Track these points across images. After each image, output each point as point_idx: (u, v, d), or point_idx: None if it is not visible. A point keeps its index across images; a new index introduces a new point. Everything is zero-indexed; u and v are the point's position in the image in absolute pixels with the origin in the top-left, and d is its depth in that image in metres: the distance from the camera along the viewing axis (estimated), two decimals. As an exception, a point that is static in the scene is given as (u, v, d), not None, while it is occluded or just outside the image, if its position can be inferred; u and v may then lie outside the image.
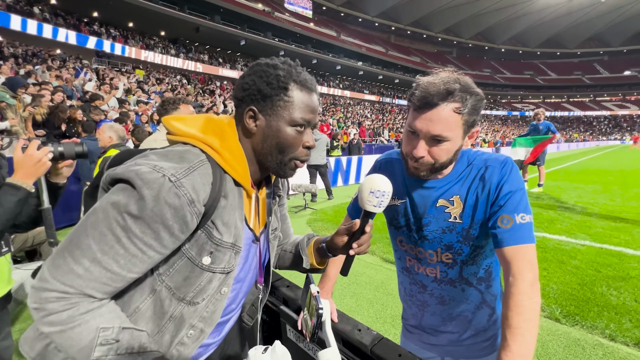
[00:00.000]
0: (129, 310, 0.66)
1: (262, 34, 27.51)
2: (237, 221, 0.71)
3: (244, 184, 0.72)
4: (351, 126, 17.24)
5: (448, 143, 0.81)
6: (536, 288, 0.76)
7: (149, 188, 0.58)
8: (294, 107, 0.71)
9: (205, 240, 0.67)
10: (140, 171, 0.59)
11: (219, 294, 0.72)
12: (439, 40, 56.71)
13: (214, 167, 0.67)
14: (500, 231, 0.81)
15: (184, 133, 0.71)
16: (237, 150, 0.71)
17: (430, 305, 1.02)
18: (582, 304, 2.51)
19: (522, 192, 0.85)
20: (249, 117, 0.71)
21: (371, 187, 0.74)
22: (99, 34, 19.08)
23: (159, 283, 0.67)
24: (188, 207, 0.60)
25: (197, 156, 0.66)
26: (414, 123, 0.82)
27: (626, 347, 2.04)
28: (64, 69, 11.50)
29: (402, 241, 1.03)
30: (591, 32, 56.20)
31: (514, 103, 60.69)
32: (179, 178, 0.60)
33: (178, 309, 0.68)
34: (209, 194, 0.64)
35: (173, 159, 0.63)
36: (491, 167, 0.88)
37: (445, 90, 0.77)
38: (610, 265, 3.18)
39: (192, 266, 0.67)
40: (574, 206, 5.77)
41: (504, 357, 0.70)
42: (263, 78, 0.70)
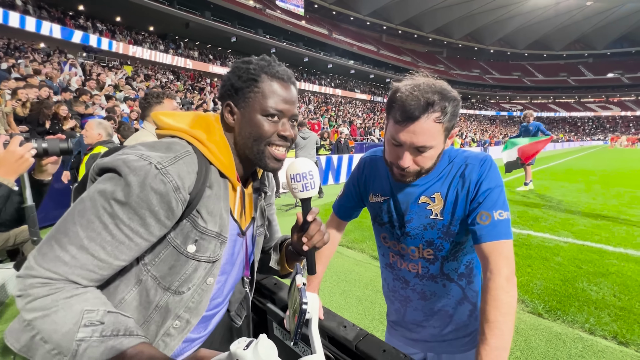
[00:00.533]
0: (114, 301, 0.66)
1: (254, 31, 27.25)
2: (222, 211, 0.72)
3: (229, 175, 0.74)
4: (342, 125, 17.27)
5: (432, 150, 0.83)
6: (512, 282, 0.78)
7: (136, 175, 0.59)
8: (265, 97, 0.73)
9: (190, 228, 0.69)
10: (127, 159, 0.61)
11: (205, 284, 0.73)
12: (429, 41, 57.23)
13: (200, 158, 0.70)
14: (479, 227, 0.84)
15: (172, 127, 0.73)
16: (223, 143, 0.74)
17: (412, 300, 1.04)
18: (563, 299, 2.58)
19: (500, 189, 0.87)
20: (227, 111, 0.75)
21: (290, 174, 0.74)
22: (85, 28, 18.58)
23: (145, 273, 0.68)
24: (173, 194, 0.62)
25: (183, 147, 0.69)
26: (397, 136, 0.83)
27: (604, 341, 2.11)
28: (48, 63, 11.17)
29: (386, 237, 1.04)
30: (577, 35, 57.62)
31: (502, 103, 61.79)
32: (165, 166, 0.62)
33: (164, 298, 0.69)
34: (194, 182, 0.67)
35: (160, 149, 0.66)
36: (471, 164, 0.90)
37: (425, 102, 0.78)
38: (591, 262, 3.29)
39: (178, 254, 0.68)
40: (559, 204, 5.93)
41: (482, 350, 0.72)
42: (236, 73, 0.74)
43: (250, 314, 1.25)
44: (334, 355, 0.92)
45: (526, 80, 61.92)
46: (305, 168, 0.74)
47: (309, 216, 0.75)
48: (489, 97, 61.06)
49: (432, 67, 51.27)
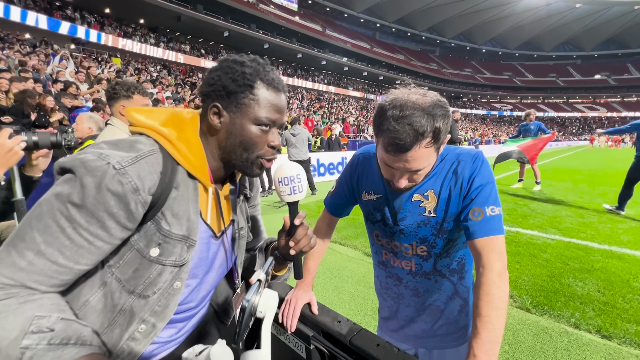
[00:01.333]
0: (78, 303, 0.64)
1: (246, 25, 26.93)
2: (190, 214, 0.70)
3: (199, 176, 0.71)
4: (335, 122, 17.27)
5: (426, 168, 0.84)
6: (504, 277, 0.80)
7: (92, 176, 0.57)
8: (260, 105, 0.70)
9: (153, 231, 0.66)
10: (85, 159, 0.59)
11: (172, 288, 0.70)
12: (422, 39, 57.53)
13: (166, 158, 0.67)
14: (472, 223, 0.85)
15: (141, 124, 0.71)
16: (195, 142, 0.71)
17: (405, 297, 1.05)
18: (550, 294, 2.65)
19: (492, 185, 0.88)
20: (213, 113, 0.71)
21: (278, 177, 0.73)
22: (73, 19, 18.08)
23: (109, 275, 0.66)
24: (132, 195, 0.60)
25: (147, 146, 0.66)
26: (389, 162, 0.82)
27: (589, 334, 2.18)
28: (34, 54, 10.85)
29: (379, 235, 1.05)
30: (566, 36, 58.67)
31: (493, 103, 62.64)
32: (124, 166, 0.60)
33: (128, 301, 0.67)
34: (157, 183, 0.64)
35: (123, 148, 0.63)
36: (463, 161, 0.91)
37: (415, 132, 0.75)
38: (577, 258, 3.37)
39: (141, 258, 0.66)
40: (547, 202, 6.06)
41: (474, 344, 0.74)
42: (229, 74, 0.69)
43: None
44: (328, 349, 0.93)
45: (517, 80, 62.87)
46: (293, 171, 0.73)
47: (296, 220, 0.75)
48: (480, 97, 61.81)
49: (424, 66, 51.58)
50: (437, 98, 0.80)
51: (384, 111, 0.79)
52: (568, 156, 17.68)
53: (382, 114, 0.80)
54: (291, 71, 33.13)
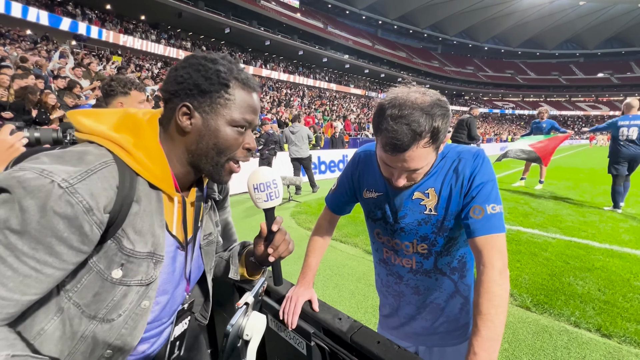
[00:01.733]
0: (32, 332, 0.58)
1: (248, 22, 26.84)
2: (155, 228, 0.64)
3: (162, 187, 0.65)
4: (336, 120, 17.24)
5: (424, 167, 0.83)
6: (505, 275, 0.79)
7: (33, 197, 0.49)
8: (235, 106, 0.66)
9: (115, 251, 0.60)
10: (23, 177, 0.50)
11: (139, 309, 0.65)
12: (424, 36, 57.26)
13: (122, 169, 0.59)
14: (472, 221, 0.84)
15: (90, 130, 0.62)
16: (155, 149, 0.64)
17: (406, 295, 1.05)
18: (550, 293, 2.65)
19: (493, 183, 0.88)
20: (183, 114, 0.64)
21: (253, 184, 0.70)
22: (74, 15, 18.05)
23: (66, 300, 0.59)
24: (85, 216, 0.53)
25: (99, 157, 0.58)
26: (388, 161, 0.82)
27: (588, 333, 2.18)
28: (35, 50, 10.85)
29: (379, 233, 1.05)
30: (569, 34, 58.29)
31: (495, 101, 62.41)
32: (73, 183, 0.52)
33: (90, 327, 0.61)
34: (114, 199, 0.57)
35: (69, 162, 0.55)
36: (464, 159, 0.90)
37: (413, 132, 0.74)
38: (578, 257, 3.37)
39: (102, 280, 0.60)
40: (548, 201, 6.05)
41: (475, 341, 0.74)
42: (201, 72, 0.64)
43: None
44: (329, 346, 0.93)
45: (519, 79, 62.59)
46: (269, 177, 0.70)
47: (274, 226, 0.73)
48: (482, 95, 61.60)
49: (426, 63, 51.36)
50: (437, 97, 0.79)
51: (383, 110, 0.79)
52: (569, 155, 17.62)
53: (381, 113, 0.79)
54: (292, 68, 33.04)
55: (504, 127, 45.97)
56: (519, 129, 47.77)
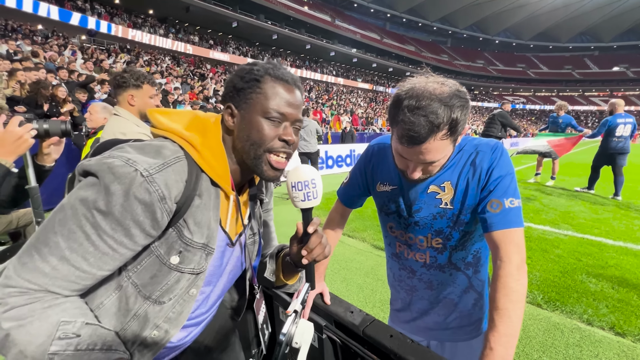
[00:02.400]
0: (92, 305, 0.64)
1: (255, 16, 26.70)
2: (211, 222, 0.69)
3: (222, 184, 0.70)
4: (344, 114, 17.14)
5: (441, 160, 0.82)
6: (523, 270, 0.78)
7: (120, 183, 0.56)
8: (267, 98, 0.69)
9: (175, 238, 0.65)
10: (112, 164, 0.57)
11: (187, 295, 0.70)
12: (434, 30, 56.29)
13: (191, 165, 0.66)
14: (490, 215, 0.82)
15: (166, 128, 0.69)
16: (218, 148, 0.70)
17: (418, 290, 1.04)
18: (562, 290, 2.61)
19: (512, 177, 0.86)
20: (228, 113, 0.72)
21: (292, 181, 0.69)
22: (84, 10, 18.20)
23: (126, 279, 0.65)
24: (159, 204, 0.59)
25: (174, 152, 0.64)
26: (403, 153, 0.80)
27: (601, 331, 2.14)
28: (47, 45, 10.98)
29: (392, 227, 1.03)
30: (584, 26, 56.61)
31: (505, 95, 61.20)
32: (152, 173, 0.58)
33: (143, 307, 0.66)
34: (182, 191, 0.63)
35: (149, 153, 0.61)
36: (482, 152, 0.88)
37: (430, 124, 0.72)
38: (591, 255, 3.31)
39: (160, 264, 0.65)
40: (559, 197, 5.93)
41: (491, 337, 0.72)
42: (239, 74, 0.71)
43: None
44: (340, 339, 0.93)
45: (530, 73, 61.26)
46: (309, 176, 0.70)
47: (310, 228, 0.72)
48: (492, 89, 60.46)
49: (435, 57, 50.57)
50: (456, 88, 0.77)
51: (400, 101, 0.76)
52: (582, 150, 17.24)
53: (397, 104, 0.77)
54: (299, 62, 32.86)
55: (515, 122, 45.15)
56: (530, 125, 46.89)
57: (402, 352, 0.79)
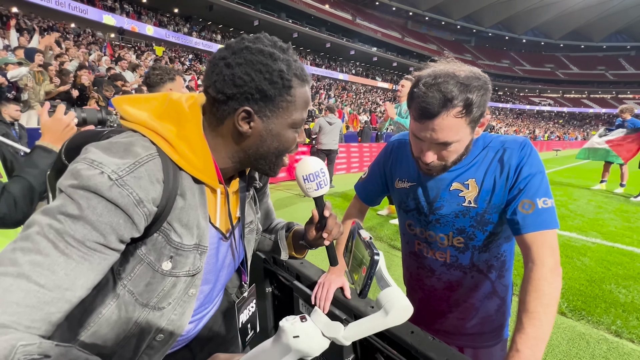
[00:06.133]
0: (92, 316, 0.61)
1: (276, 14, 26.96)
2: (199, 220, 0.63)
3: (204, 179, 0.63)
4: (363, 113, 17.02)
5: (456, 144, 0.79)
6: (557, 273, 0.75)
7: (85, 187, 0.50)
8: (296, 107, 0.63)
9: (163, 244, 0.60)
10: (74, 170, 0.51)
11: (187, 296, 0.67)
12: (457, 28, 54.83)
13: (165, 162, 0.57)
14: (522, 217, 0.79)
15: (134, 119, 0.60)
16: (197, 140, 0.61)
17: (437, 289, 1.01)
18: (589, 299, 2.50)
19: (543, 175, 0.82)
20: (242, 118, 0.60)
21: (302, 174, 0.70)
22: (113, 9, 18.96)
23: (121, 287, 0.61)
24: (136, 208, 0.52)
25: (145, 149, 0.56)
26: (416, 130, 0.80)
27: (631, 344, 2.04)
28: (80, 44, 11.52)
29: (411, 225, 1.01)
30: (620, 25, 53.45)
31: (531, 97, 58.92)
32: (122, 175, 0.51)
33: (143, 314, 0.63)
34: (161, 193, 0.56)
35: (117, 153, 0.53)
36: (510, 149, 0.85)
37: (443, 98, 0.72)
38: (621, 264, 3.15)
39: (153, 272, 0.61)
40: (587, 204, 5.67)
41: (518, 339, 0.70)
42: (264, 74, 0.57)
43: (274, 290, 1.25)
44: (360, 334, 0.93)
45: (559, 73, 58.62)
46: (317, 167, 0.70)
47: (326, 212, 0.73)
48: (518, 90, 58.35)
49: (458, 57, 48.22)
50: (477, 71, 0.77)
51: (419, 80, 0.78)
52: (614, 156, 16.33)
53: (416, 84, 0.79)
54: (319, 61, 32.87)
55: (541, 125, 43.42)
56: (557, 127, 44.93)
57: (423, 349, 0.78)
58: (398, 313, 0.49)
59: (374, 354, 0.90)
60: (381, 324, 0.49)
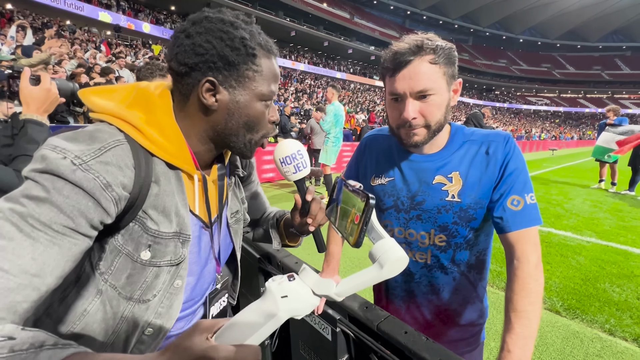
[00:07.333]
0: (76, 314, 0.59)
1: (274, 12, 26.87)
2: (178, 208, 0.61)
3: (179, 165, 0.61)
4: (360, 112, 17.02)
5: (435, 97, 0.76)
6: (540, 269, 0.75)
7: (49, 170, 0.48)
8: (263, 77, 0.61)
9: (140, 233, 0.58)
10: (37, 155, 0.50)
11: (173, 288, 0.64)
12: (455, 27, 54.96)
13: (135, 149, 0.56)
14: (511, 214, 0.78)
15: (100, 109, 0.58)
16: (168, 125, 0.59)
17: (416, 295, 0.95)
18: (583, 298, 2.52)
19: (527, 170, 0.82)
20: (206, 90, 0.58)
21: (279, 157, 0.68)
22: (109, 6, 18.81)
23: (103, 282, 0.59)
24: (104, 192, 0.50)
25: (111, 135, 0.54)
26: (394, 88, 0.78)
27: (624, 342, 2.06)
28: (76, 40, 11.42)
29: (388, 225, 0.94)
30: (617, 25, 53.85)
31: (528, 96, 59.21)
32: (86, 160, 0.49)
33: (128, 308, 0.61)
34: (133, 179, 0.54)
35: (83, 141, 0.51)
36: (495, 142, 0.83)
37: (415, 45, 0.75)
38: (615, 263, 3.17)
39: (132, 262, 0.59)
40: (583, 203, 5.71)
41: (509, 339, 0.70)
42: (225, 41, 0.56)
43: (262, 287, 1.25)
44: (354, 333, 0.93)
45: (556, 73, 58.96)
46: (294, 148, 0.68)
47: (308, 196, 0.71)
48: (515, 90, 58.59)
49: (456, 56, 49.30)
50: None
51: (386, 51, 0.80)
52: (609, 155, 16.47)
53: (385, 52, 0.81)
54: (317, 59, 32.82)
55: (537, 125, 43.64)
56: (553, 127, 45.20)
57: (417, 349, 0.78)
58: (393, 266, 0.47)
59: (368, 354, 0.90)
60: (376, 277, 0.47)
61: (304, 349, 1.13)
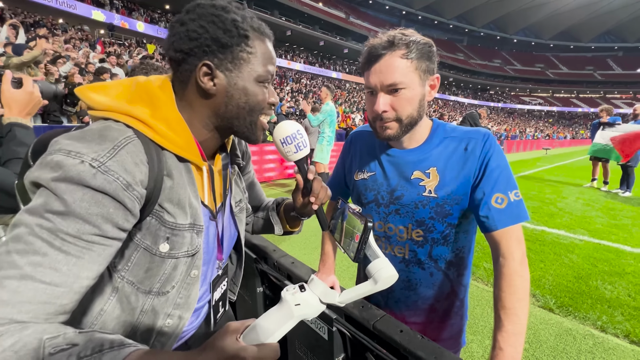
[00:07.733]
0: (93, 313, 0.60)
1: (269, 12, 26.78)
2: (191, 199, 0.63)
3: (189, 157, 0.62)
4: (356, 112, 17.05)
5: (405, 91, 0.78)
6: (525, 264, 0.76)
7: (66, 179, 0.48)
8: (258, 59, 0.62)
9: (157, 226, 0.59)
10: (52, 161, 0.48)
11: (190, 278, 0.66)
12: (450, 27, 55.27)
13: (146, 144, 0.56)
14: (496, 212, 0.78)
15: (104, 106, 0.57)
16: (174, 118, 0.60)
17: (394, 290, 0.96)
18: (576, 296, 2.56)
19: (509, 167, 0.82)
20: (204, 74, 0.59)
21: (279, 138, 0.69)
22: (102, 5, 18.61)
23: (119, 280, 0.60)
24: (125, 192, 0.51)
25: (121, 133, 0.54)
26: (368, 81, 0.81)
27: (616, 339, 2.09)
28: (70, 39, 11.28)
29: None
30: (609, 25, 54.55)
31: (522, 96, 59.75)
32: (103, 162, 0.49)
33: (147, 302, 0.62)
34: (148, 174, 0.55)
35: (92, 140, 0.51)
36: (474, 139, 0.84)
37: (387, 40, 0.77)
38: (607, 261, 3.22)
39: (151, 256, 0.60)
40: (576, 202, 5.78)
41: (499, 337, 0.71)
42: (217, 24, 0.57)
43: (265, 290, 1.26)
44: (350, 332, 0.94)
45: (549, 73, 59.57)
46: (293, 128, 0.69)
47: (309, 175, 0.71)
48: (509, 89, 59.09)
49: (450, 56, 49.66)
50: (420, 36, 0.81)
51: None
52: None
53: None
54: (312, 59, 32.79)
55: (531, 124, 44.06)
56: (546, 126, 45.66)
57: (412, 347, 0.79)
58: (385, 281, 0.57)
59: (364, 353, 0.91)
60: (371, 290, 0.58)
61: (300, 348, 1.13)
